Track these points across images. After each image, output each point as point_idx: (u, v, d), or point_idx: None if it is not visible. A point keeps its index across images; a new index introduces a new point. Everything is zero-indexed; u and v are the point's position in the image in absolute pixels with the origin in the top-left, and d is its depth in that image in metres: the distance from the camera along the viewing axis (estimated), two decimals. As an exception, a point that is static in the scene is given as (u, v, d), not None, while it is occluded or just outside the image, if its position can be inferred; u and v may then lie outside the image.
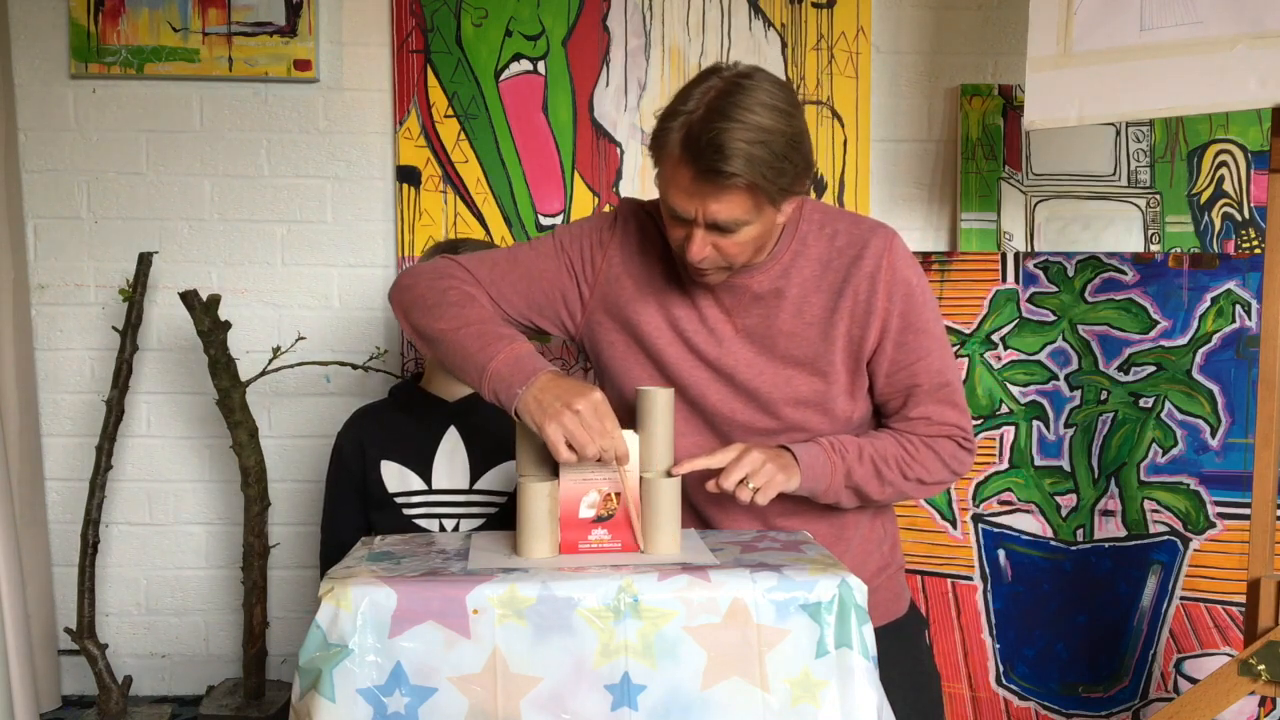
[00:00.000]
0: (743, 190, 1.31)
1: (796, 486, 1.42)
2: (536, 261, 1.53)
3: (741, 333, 1.50)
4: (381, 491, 1.80)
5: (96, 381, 2.45)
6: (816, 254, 1.49)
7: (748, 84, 1.32)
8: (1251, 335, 2.22)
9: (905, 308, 1.48)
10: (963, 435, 1.53)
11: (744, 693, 1.17)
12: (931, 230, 2.47)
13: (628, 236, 1.55)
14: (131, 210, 2.44)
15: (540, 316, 1.55)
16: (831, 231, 1.50)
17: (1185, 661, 2.25)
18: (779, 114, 1.31)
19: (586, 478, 1.32)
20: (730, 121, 1.28)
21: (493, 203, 2.41)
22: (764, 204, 1.34)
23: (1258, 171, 2.38)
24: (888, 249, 1.48)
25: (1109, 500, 2.28)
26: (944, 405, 1.52)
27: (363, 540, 1.45)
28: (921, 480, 1.51)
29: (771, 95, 1.32)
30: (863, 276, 1.47)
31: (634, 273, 1.53)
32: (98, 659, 2.26)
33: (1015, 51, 2.41)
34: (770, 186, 1.31)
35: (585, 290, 1.54)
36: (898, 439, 1.51)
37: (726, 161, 1.28)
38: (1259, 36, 1.64)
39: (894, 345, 1.49)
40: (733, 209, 1.33)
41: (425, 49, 2.39)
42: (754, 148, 1.28)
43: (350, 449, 1.86)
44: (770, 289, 1.48)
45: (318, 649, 1.15)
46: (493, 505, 1.81)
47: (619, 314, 1.53)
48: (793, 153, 1.31)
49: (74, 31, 2.37)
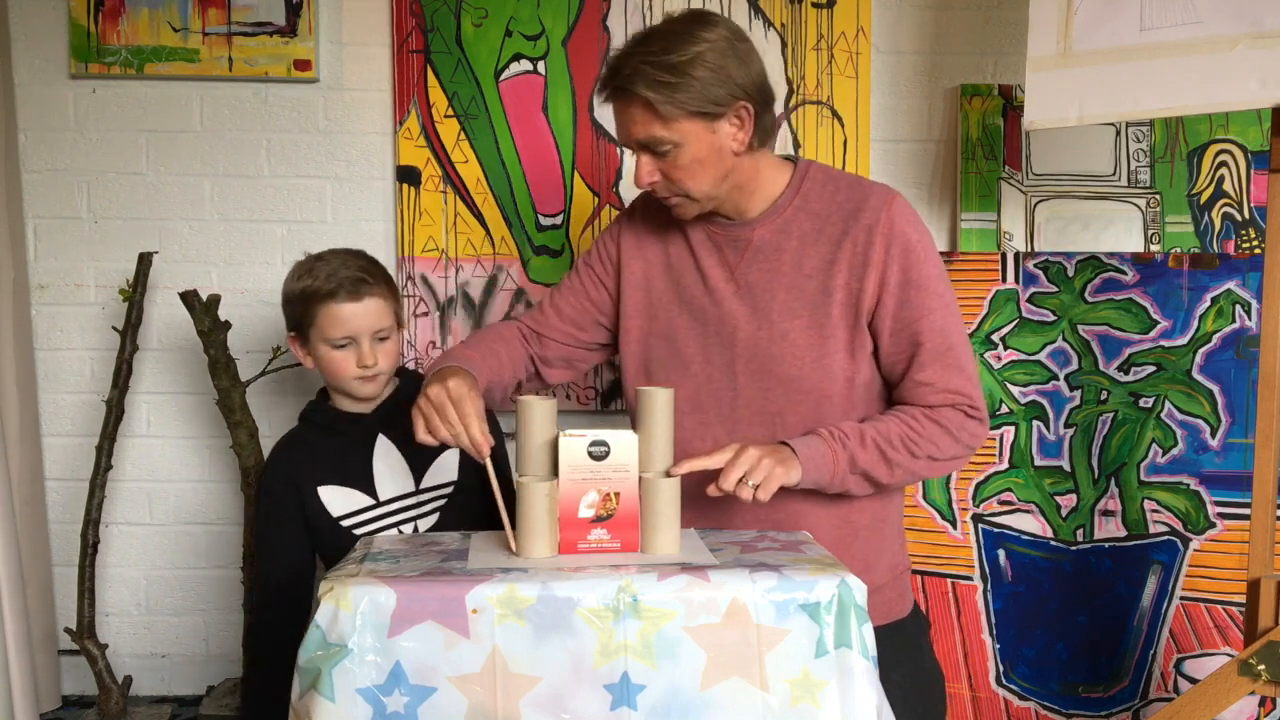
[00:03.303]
0: (642, 105, 1.43)
1: (798, 479, 1.41)
2: (568, 282, 1.71)
3: (744, 289, 1.55)
4: (326, 518, 1.73)
5: (96, 381, 2.45)
6: (818, 208, 1.54)
7: (665, 23, 1.48)
8: (1251, 335, 2.22)
9: (905, 262, 1.49)
10: (969, 404, 1.50)
11: (744, 693, 1.17)
12: (931, 230, 2.46)
13: (634, 221, 1.67)
14: (131, 210, 2.44)
15: (581, 331, 1.69)
16: (834, 189, 1.55)
17: (1185, 661, 2.25)
18: (676, 37, 1.43)
19: (586, 477, 1.32)
20: (629, 48, 1.46)
21: (493, 203, 2.42)
22: (675, 119, 1.43)
23: (1258, 171, 2.38)
24: (887, 204, 1.51)
25: (1109, 500, 2.28)
26: (949, 370, 1.50)
27: (362, 540, 1.45)
28: (933, 457, 1.49)
29: (678, 25, 1.45)
30: (861, 229, 1.50)
31: (645, 254, 1.64)
32: (98, 659, 2.26)
33: (1015, 51, 2.41)
34: (665, 100, 1.41)
35: (609, 286, 1.67)
36: (901, 417, 1.50)
37: (617, 77, 1.44)
38: (1259, 36, 1.64)
39: (895, 301, 1.49)
40: (646, 126, 1.45)
41: (425, 49, 2.39)
42: (641, 63, 1.42)
43: (281, 486, 1.75)
44: (771, 241, 1.55)
45: (317, 648, 1.15)
46: (441, 497, 1.77)
47: (636, 294, 1.64)
48: (693, 69, 1.41)
49: (74, 31, 2.37)
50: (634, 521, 1.33)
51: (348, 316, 1.68)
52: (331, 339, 1.69)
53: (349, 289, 1.68)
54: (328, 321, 1.69)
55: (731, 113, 1.46)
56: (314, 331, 1.71)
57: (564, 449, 1.31)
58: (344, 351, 1.70)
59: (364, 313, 1.69)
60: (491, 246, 2.42)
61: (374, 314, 1.70)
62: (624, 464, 1.32)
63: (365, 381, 1.72)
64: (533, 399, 1.35)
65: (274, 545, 1.78)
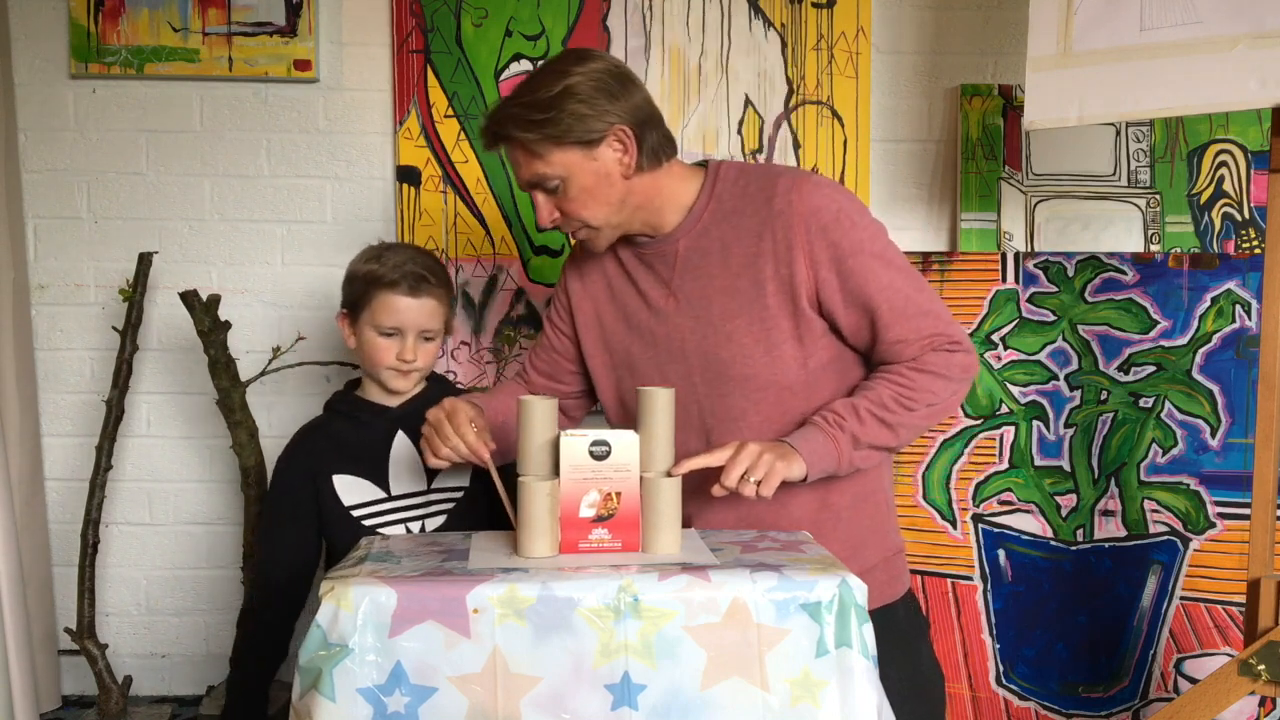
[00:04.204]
0: (519, 147, 1.50)
1: (802, 473, 1.42)
2: (540, 340, 1.78)
3: (683, 301, 1.57)
4: (337, 506, 1.76)
5: (96, 381, 2.45)
6: (732, 206, 1.55)
7: (541, 65, 1.55)
8: (1251, 335, 2.22)
9: (830, 235, 1.48)
10: (947, 340, 1.50)
11: (744, 692, 1.17)
12: (931, 230, 2.47)
13: (576, 263, 1.72)
14: (131, 210, 2.44)
15: (560, 383, 1.75)
16: (745, 182, 1.56)
17: (1185, 661, 2.25)
18: (545, 75, 1.49)
19: (587, 477, 1.32)
20: (504, 98, 1.53)
21: (493, 203, 2.42)
22: (550, 154, 1.48)
23: (1258, 171, 2.38)
24: (795, 184, 1.51)
25: (1109, 500, 2.28)
26: (916, 320, 1.49)
27: (363, 540, 1.45)
28: (931, 405, 1.48)
29: (548, 65, 1.52)
30: (775, 215, 1.50)
31: (591, 291, 1.68)
32: (98, 659, 2.26)
33: (1015, 51, 2.41)
34: (538, 137, 1.46)
35: (569, 334, 1.72)
36: (888, 378, 1.49)
37: (490, 121, 1.52)
38: (1259, 36, 1.64)
39: (835, 275, 1.49)
40: (530, 166, 1.50)
41: (425, 49, 2.39)
42: (512, 107, 1.49)
43: (295, 472, 1.79)
44: (696, 248, 1.56)
45: (318, 648, 1.16)
46: (450, 500, 1.80)
47: (591, 333, 1.68)
48: (563, 102, 1.45)
49: (74, 31, 2.37)
50: (635, 521, 1.33)
51: (401, 309, 1.75)
52: (381, 326, 1.76)
53: (410, 283, 1.74)
54: (382, 309, 1.75)
55: (610, 138, 1.49)
56: (366, 314, 1.77)
57: (565, 449, 1.32)
58: (389, 340, 1.77)
59: (418, 309, 1.76)
60: (491, 246, 2.42)
61: (426, 313, 1.77)
62: (625, 464, 1.32)
63: (400, 375, 1.78)
64: (533, 399, 1.36)
65: (279, 541, 1.80)
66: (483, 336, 2.43)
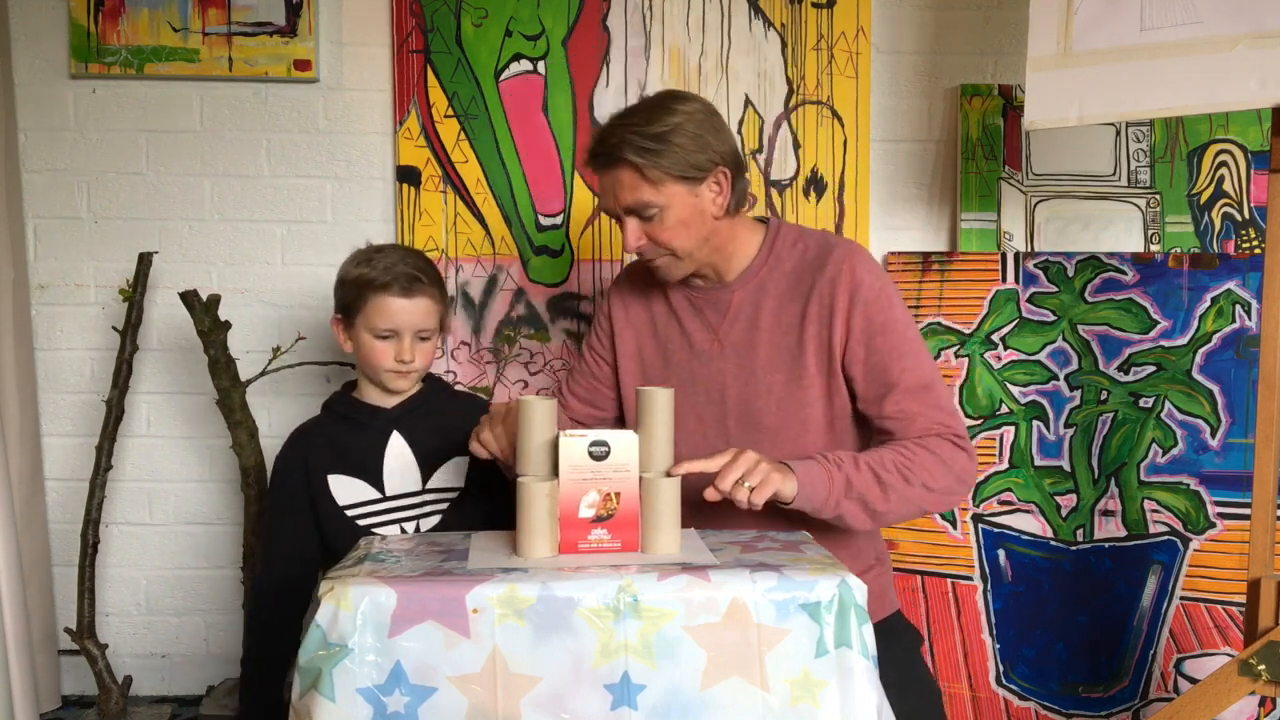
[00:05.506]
0: (627, 168, 1.55)
1: (794, 492, 1.44)
2: (578, 366, 1.85)
3: (729, 348, 1.65)
4: (332, 506, 1.78)
5: (96, 381, 2.45)
6: (790, 267, 1.65)
7: (642, 101, 1.63)
8: (1251, 335, 2.22)
9: (869, 310, 1.58)
10: (954, 434, 1.56)
11: (744, 692, 1.17)
12: (931, 230, 2.47)
13: (621, 292, 1.80)
14: (131, 210, 2.44)
15: (598, 409, 1.82)
16: (803, 247, 1.66)
17: (1185, 661, 2.25)
18: (656, 109, 1.57)
19: (586, 478, 1.32)
20: (613, 121, 1.59)
21: (493, 203, 2.42)
22: (662, 183, 1.55)
23: (1258, 171, 2.38)
24: (849, 256, 1.61)
25: (1109, 500, 2.28)
26: (929, 405, 1.56)
27: (363, 540, 1.45)
28: (927, 486, 1.52)
29: (656, 100, 1.60)
30: (825, 281, 1.60)
31: (635, 323, 1.76)
32: (98, 659, 2.26)
33: (1015, 51, 2.41)
34: (652, 164, 1.53)
35: (609, 360, 1.79)
36: (893, 446, 1.55)
37: (605, 145, 1.57)
38: (1259, 36, 1.64)
39: (864, 347, 1.58)
40: (635, 191, 1.56)
41: (425, 49, 2.39)
42: (627, 133, 1.54)
43: (293, 470, 1.80)
44: (749, 302, 1.66)
45: (318, 648, 1.16)
46: (444, 501, 1.81)
47: (631, 362, 1.76)
48: (672, 137, 1.53)
49: (74, 31, 2.37)
50: (634, 521, 1.33)
51: (395, 310, 1.75)
52: (376, 329, 1.76)
53: (402, 285, 1.74)
54: (376, 312, 1.75)
55: (711, 178, 1.58)
56: (360, 318, 1.77)
57: (564, 449, 1.32)
58: (385, 343, 1.77)
59: (412, 310, 1.76)
60: (491, 246, 2.42)
61: (421, 313, 1.77)
62: (624, 464, 1.33)
63: (398, 376, 1.79)
64: (533, 399, 1.36)
65: (282, 534, 1.81)
66: (482, 336, 2.43)
